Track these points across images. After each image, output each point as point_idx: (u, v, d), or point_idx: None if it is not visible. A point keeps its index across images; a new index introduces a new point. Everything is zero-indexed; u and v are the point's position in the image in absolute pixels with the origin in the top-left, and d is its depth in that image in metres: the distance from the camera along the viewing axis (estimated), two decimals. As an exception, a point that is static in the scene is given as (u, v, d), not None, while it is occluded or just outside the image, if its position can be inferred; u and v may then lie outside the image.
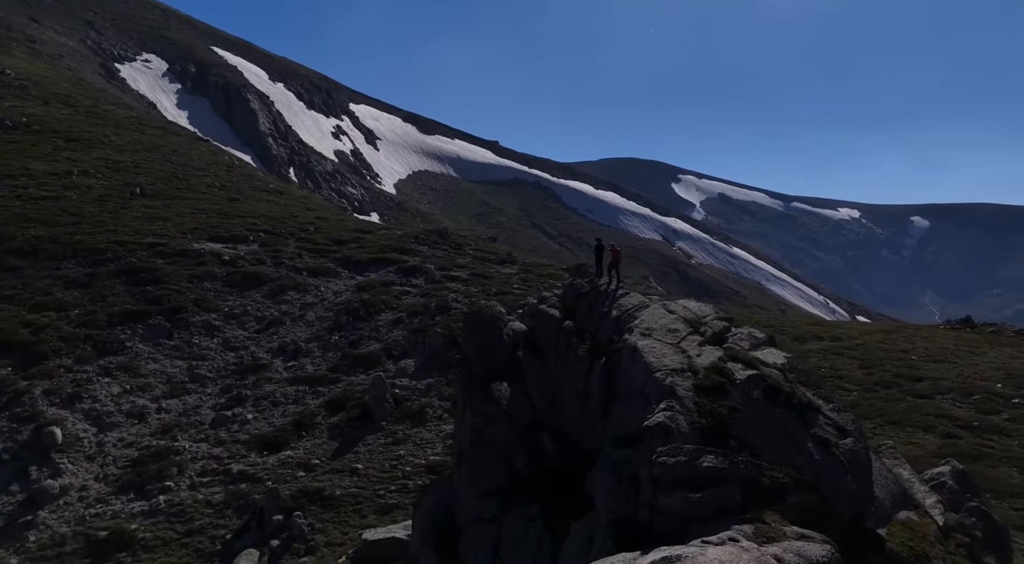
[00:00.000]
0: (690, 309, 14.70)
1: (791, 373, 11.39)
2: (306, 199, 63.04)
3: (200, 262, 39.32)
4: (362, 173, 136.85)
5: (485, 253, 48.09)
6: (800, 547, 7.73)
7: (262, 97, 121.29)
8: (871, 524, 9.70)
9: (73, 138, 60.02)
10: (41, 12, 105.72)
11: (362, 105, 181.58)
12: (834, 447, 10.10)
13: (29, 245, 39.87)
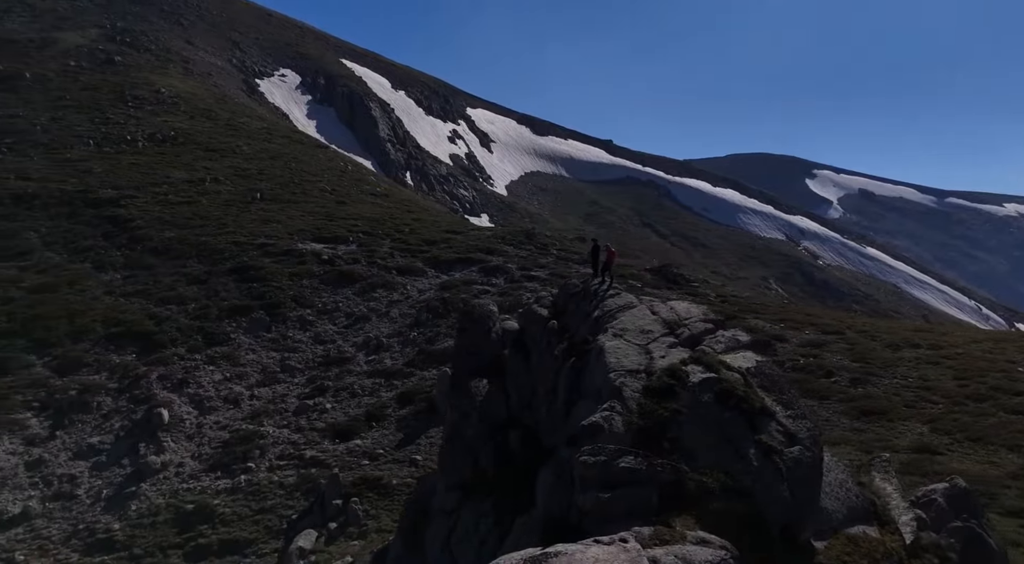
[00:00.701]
0: (676, 310, 14.06)
1: (755, 378, 10.78)
2: (408, 201, 65.19)
3: (301, 261, 41.66)
4: (475, 175, 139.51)
5: (568, 252, 47.83)
6: (687, 551, 7.34)
7: (383, 105, 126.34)
8: (806, 536, 9.08)
9: (211, 148, 65.20)
10: (196, 35, 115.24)
11: (479, 109, 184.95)
12: (776, 455, 9.52)
13: (163, 245, 43.83)
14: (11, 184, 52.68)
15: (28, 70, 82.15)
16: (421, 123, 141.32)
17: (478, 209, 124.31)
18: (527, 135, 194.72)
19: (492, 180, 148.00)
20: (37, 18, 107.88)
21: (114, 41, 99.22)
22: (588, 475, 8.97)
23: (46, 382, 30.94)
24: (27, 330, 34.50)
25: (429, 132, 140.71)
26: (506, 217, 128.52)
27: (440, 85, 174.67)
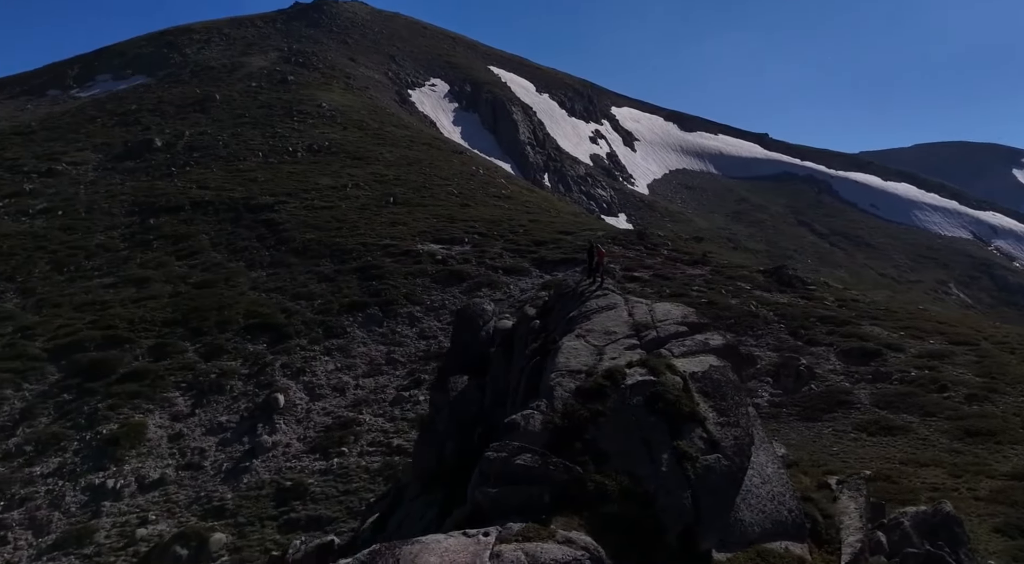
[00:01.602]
0: (655, 313, 13.30)
1: (699, 383, 10.18)
2: (530, 203, 65.86)
3: (417, 261, 43.62)
4: (615, 175, 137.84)
5: (680, 253, 46.11)
6: (538, 547, 7.16)
7: (525, 109, 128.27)
8: (706, 545, 8.43)
9: (357, 156, 69.93)
10: (358, 52, 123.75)
11: (624, 108, 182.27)
12: (688, 461, 9.03)
13: (303, 246, 47.77)
14: (192, 192, 59.84)
15: (218, 92, 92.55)
16: (563, 125, 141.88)
17: (616, 209, 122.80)
18: (674, 132, 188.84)
19: (633, 179, 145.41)
20: (231, 46, 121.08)
21: (289, 62, 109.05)
22: (489, 470, 8.93)
23: (194, 366, 34.94)
24: (187, 320, 39.10)
25: (570, 133, 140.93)
26: (644, 216, 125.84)
27: (585, 86, 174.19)
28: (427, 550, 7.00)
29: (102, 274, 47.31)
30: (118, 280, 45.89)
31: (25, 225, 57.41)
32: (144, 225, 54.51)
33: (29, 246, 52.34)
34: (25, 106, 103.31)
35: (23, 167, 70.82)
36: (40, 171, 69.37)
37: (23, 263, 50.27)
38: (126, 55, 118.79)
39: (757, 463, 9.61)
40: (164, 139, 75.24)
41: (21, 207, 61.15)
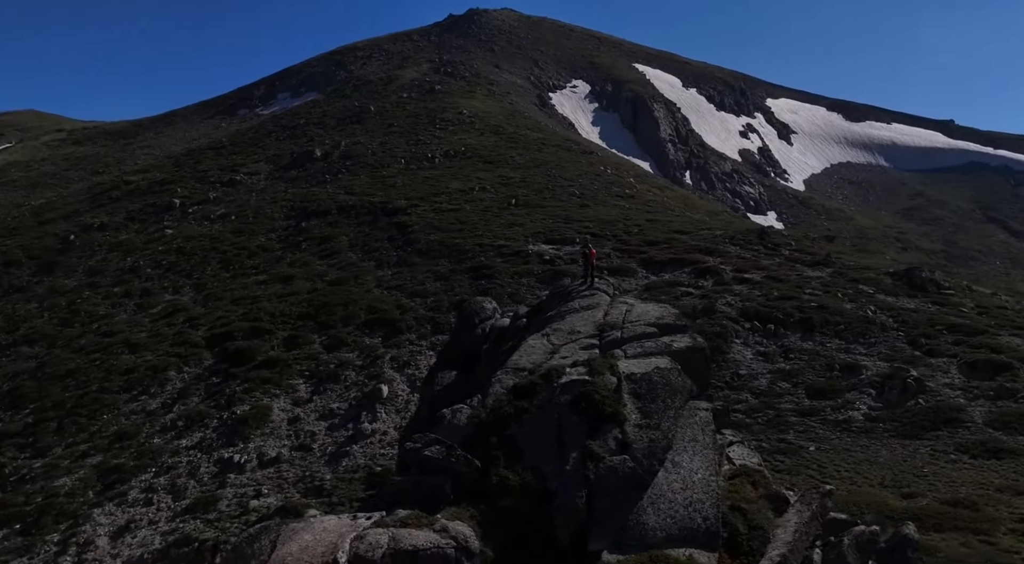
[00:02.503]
0: (629, 314, 12.92)
1: (635, 384, 9.85)
2: (653, 202, 64.11)
3: (525, 261, 44.36)
4: (765, 171, 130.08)
5: (803, 254, 42.83)
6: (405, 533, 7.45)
7: (668, 105, 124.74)
8: (596, 546, 8.23)
9: (489, 160, 72.14)
10: (503, 59, 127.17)
11: (781, 99, 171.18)
12: (593, 461, 8.92)
13: (426, 247, 50.34)
14: (340, 198, 65.04)
15: (373, 104, 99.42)
16: (709, 120, 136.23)
17: (764, 207, 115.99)
18: (838, 122, 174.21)
19: (787, 175, 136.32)
20: (389, 60, 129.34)
21: (438, 72, 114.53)
22: (403, 460, 9.29)
23: (317, 356, 38.23)
24: (317, 314, 42.79)
25: (718, 128, 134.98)
26: (797, 214, 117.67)
27: (737, 78, 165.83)
28: (308, 528, 7.55)
29: (258, 272, 52.97)
30: (269, 277, 51.15)
31: (206, 228, 65.59)
32: (297, 228, 60.18)
33: (206, 247, 59.82)
34: (220, 124, 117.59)
35: (210, 177, 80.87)
36: (223, 181, 78.82)
37: (200, 262, 57.59)
38: (302, 74, 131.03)
39: (686, 468, 9.18)
40: (323, 149, 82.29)
41: (205, 213, 69.94)
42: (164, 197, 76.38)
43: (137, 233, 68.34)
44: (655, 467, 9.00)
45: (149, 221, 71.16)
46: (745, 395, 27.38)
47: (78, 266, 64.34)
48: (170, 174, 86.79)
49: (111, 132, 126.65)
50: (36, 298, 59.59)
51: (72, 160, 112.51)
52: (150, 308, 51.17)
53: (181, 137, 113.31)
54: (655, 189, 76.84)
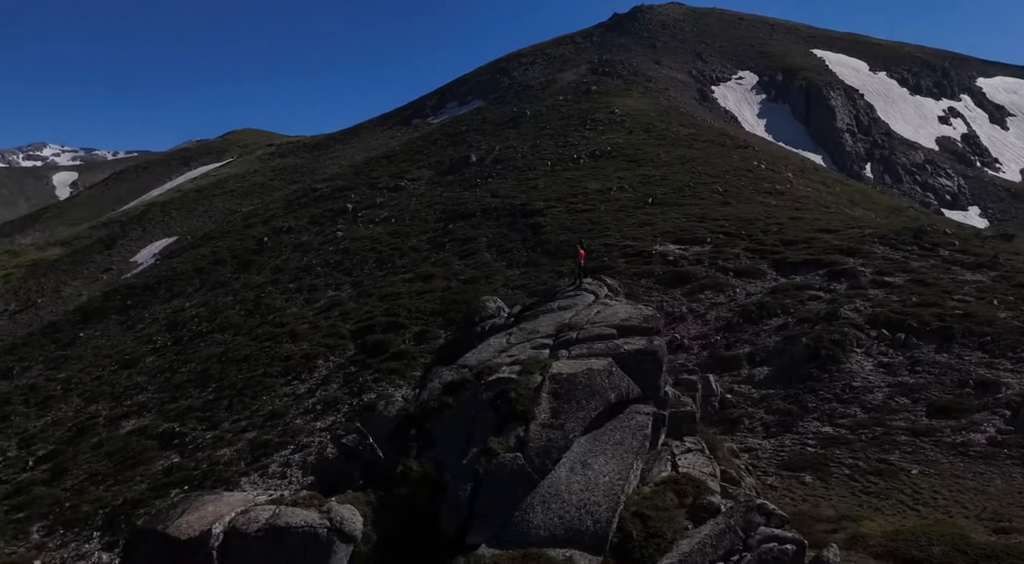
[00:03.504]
0: (601, 313, 12.50)
1: (558, 385, 9.77)
2: (805, 198, 59.06)
3: (647, 262, 43.40)
4: (969, 160, 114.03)
5: (966, 255, 37.41)
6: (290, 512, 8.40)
7: (848, 92, 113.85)
8: (475, 539, 8.47)
9: (633, 159, 71.20)
10: (664, 55, 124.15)
11: (996, 78, 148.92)
12: (487, 457, 9.20)
13: (555, 247, 51.02)
14: (485, 200, 67.89)
15: (530, 108, 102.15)
16: (901, 106, 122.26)
17: (964, 201, 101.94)
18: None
19: (999, 164, 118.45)
20: (550, 64, 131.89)
21: (596, 73, 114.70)
22: (335, 448, 10.04)
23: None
24: (446, 311, 45.35)
25: (911, 115, 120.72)
26: (1008, 209, 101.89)
27: (940, 56, 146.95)
28: (214, 501, 8.69)
29: (405, 271, 57.08)
30: (414, 276, 54.91)
31: (370, 230, 71.77)
32: (445, 230, 63.86)
33: (367, 247, 65.54)
34: (396, 134, 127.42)
35: (379, 184, 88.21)
36: (389, 187, 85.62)
37: (360, 261, 63.25)
38: (469, 83, 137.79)
39: (596, 471, 9.03)
40: (479, 154, 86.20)
41: (371, 216, 76.52)
42: (340, 202, 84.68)
43: (315, 235, 76.53)
44: (547, 466, 9.00)
45: (326, 224, 79.31)
46: (854, 409, 24.88)
47: (267, 264, 73.54)
48: (348, 181, 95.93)
49: (309, 145, 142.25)
50: (232, 292, 69.11)
51: (277, 171, 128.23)
52: (315, 302, 57.23)
53: (363, 147, 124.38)
54: (819, 184, 71.00)
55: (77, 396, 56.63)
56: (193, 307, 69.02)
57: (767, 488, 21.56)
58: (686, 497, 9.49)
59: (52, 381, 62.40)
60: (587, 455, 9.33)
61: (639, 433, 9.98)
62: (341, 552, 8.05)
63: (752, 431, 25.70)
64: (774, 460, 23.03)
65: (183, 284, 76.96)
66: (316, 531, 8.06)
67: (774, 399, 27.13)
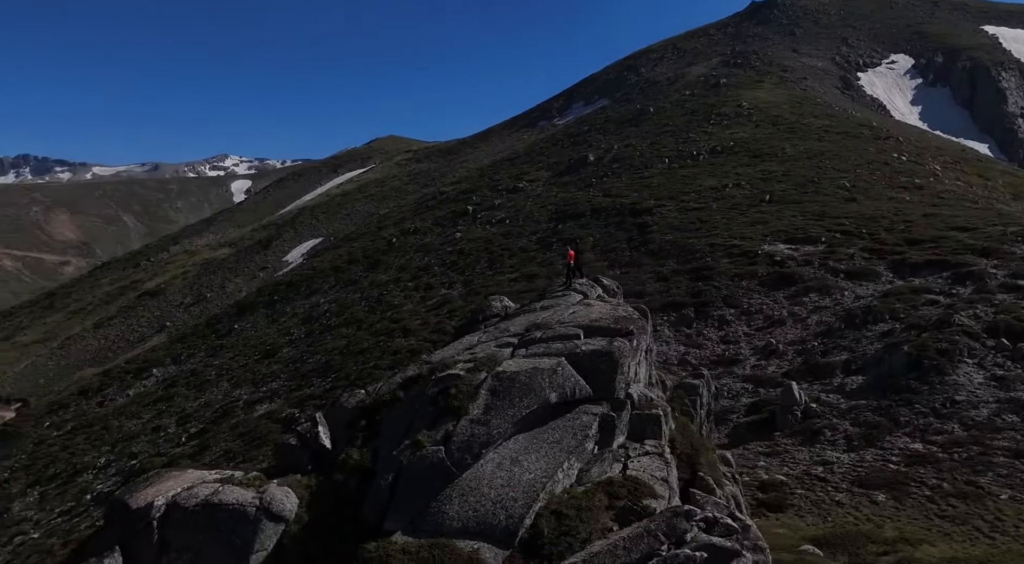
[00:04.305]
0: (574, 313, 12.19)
1: (499, 382, 10.02)
2: (948, 193, 52.71)
3: (752, 262, 41.16)
4: None
5: None
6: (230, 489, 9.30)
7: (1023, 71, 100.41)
8: (390, 526, 8.91)
9: (755, 154, 67.58)
10: (804, 42, 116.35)
11: None
12: (412, 449, 9.59)
13: (658, 247, 49.87)
14: (596, 200, 67.51)
15: (653, 105, 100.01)
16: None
17: None
18: None
19: None
20: (680, 58, 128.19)
21: (728, 65, 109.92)
22: (290, 434, 10.77)
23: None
24: (544, 310, 45.84)
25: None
26: None
27: None
28: (174, 477, 9.75)
29: (511, 270, 58.25)
30: (518, 275, 55.91)
31: (485, 232, 73.88)
32: (554, 230, 64.33)
33: (480, 248, 67.57)
34: (522, 137, 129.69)
35: (499, 186, 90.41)
36: (508, 188, 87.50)
37: (473, 261, 65.38)
38: (596, 82, 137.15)
39: (523, 468, 9.08)
40: (597, 154, 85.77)
41: (488, 218, 78.70)
42: (462, 205, 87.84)
43: (437, 236, 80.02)
44: (467, 460, 9.13)
45: (448, 225, 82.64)
46: (951, 425, 22.26)
47: (393, 263, 78.01)
48: (472, 184, 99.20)
49: (442, 150, 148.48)
50: (360, 289, 74.05)
51: (412, 175, 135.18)
52: (428, 300, 59.97)
53: (491, 150, 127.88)
54: (973, 176, 63.49)
55: (226, 381, 63.35)
56: (326, 303, 74.80)
57: (833, 504, 20.01)
58: (618, 499, 9.27)
59: (209, 367, 70.32)
60: (521, 452, 9.41)
61: (580, 433, 9.86)
62: (269, 530, 8.79)
63: (833, 444, 23.84)
64: (849, 476, 21.31)
65: (320, 281, 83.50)
66: (245, 509, 8.86)
67: (863, 411, 24.93)
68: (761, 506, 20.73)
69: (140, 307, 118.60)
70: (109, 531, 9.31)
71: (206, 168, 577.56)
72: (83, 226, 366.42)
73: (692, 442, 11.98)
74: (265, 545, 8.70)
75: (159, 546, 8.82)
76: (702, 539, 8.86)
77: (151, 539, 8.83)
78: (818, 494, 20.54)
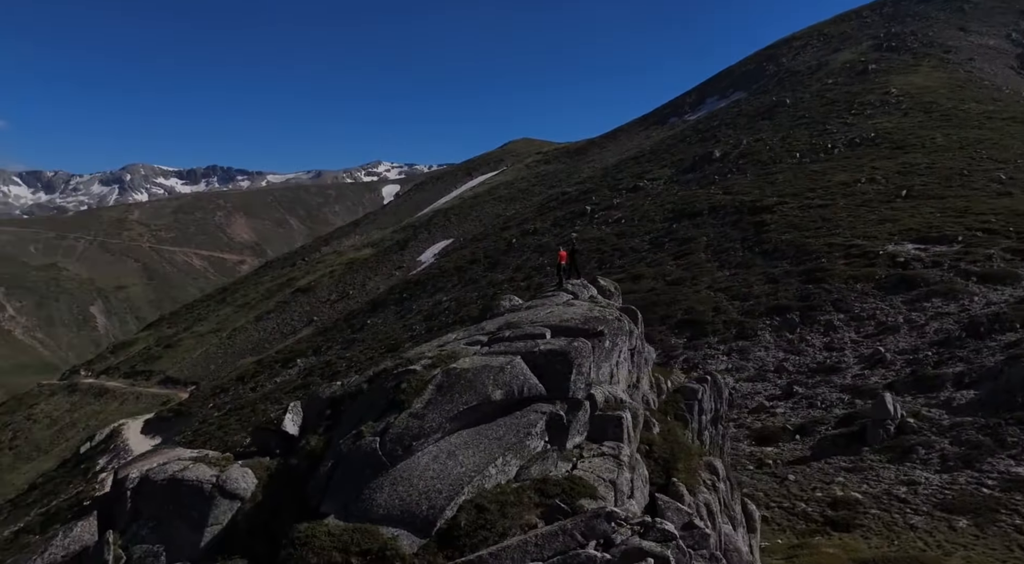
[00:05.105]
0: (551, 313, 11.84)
1: (447, 377, 10.29)
2: None
3: (869, 263, 37.66)
4: None
5: None
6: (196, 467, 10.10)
7: None
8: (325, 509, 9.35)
9: (898, 146, 61.54)
10: (973, 19, 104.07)
11: None
12: (354, 438, 10.01)
13: (773, 247, 47.00)
14: (716, 198, 64.70)
15: (791, 96, 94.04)
16: None
17: None
18: None
19: None
20: (826, 45, 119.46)
21: (880, 49, 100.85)
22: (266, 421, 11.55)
23: (627, 350, 40.44)
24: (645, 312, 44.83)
25: None
26: None
27: None
28: (165, 453, 10.92)
29: (620, 271, 57.37)
30: (625, 276, 54.93)
31: (600, 232, 73.33)
32: (668, 229, 62.56)
33: (591, 248, 67.18)
34: (651, 134, 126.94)
35: (620, 185, 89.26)
36: (628, 187, 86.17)
37: (583, 262, 65.08)
38: (732, 75, 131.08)
39: (457, 462, 9.19)
40: (723, 150, 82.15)
41: (605, 218, 78.00)
42: (581, 205, 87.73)
43: (554, 236, 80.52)
44: (397, 451, 9.34)
45: (565, 226, 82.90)
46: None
47: (511, 264, 79.67)
48: (595, 184, 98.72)
49: (571, 151, 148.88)
50: (479, 289, 76.31)
51: (540, 177, 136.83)
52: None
53: (618, 149, 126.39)
54: None
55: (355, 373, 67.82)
56: (447, 301, 77.88)
57: (906, 528, 18.13)
58: (550, 497, 9.13)
59: (341, 359, 75.76)
60: (461, 446, 9.56)
61: (522, 430, 9.80)
62: (223, 506, 9.65)
63: (925, 463, 21.44)
64: (934, 498, 19.16)
65: (444, 280, 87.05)
66: (203, 486, 9.78)
67: (966, 429, 22.15)
68: (827, 524, 19.24)
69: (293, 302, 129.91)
70: (104, 497, 10.70)
71: (361, 174, 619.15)
72: (256, 229, 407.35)
73: (673, 447, 11.47)
74: (220, 520, 9.57)
75: (132, 514, 10.02)
76: (633, 543, 8.62)
77: (125, 507, 10.07)
78: (893, 516, 18.67)
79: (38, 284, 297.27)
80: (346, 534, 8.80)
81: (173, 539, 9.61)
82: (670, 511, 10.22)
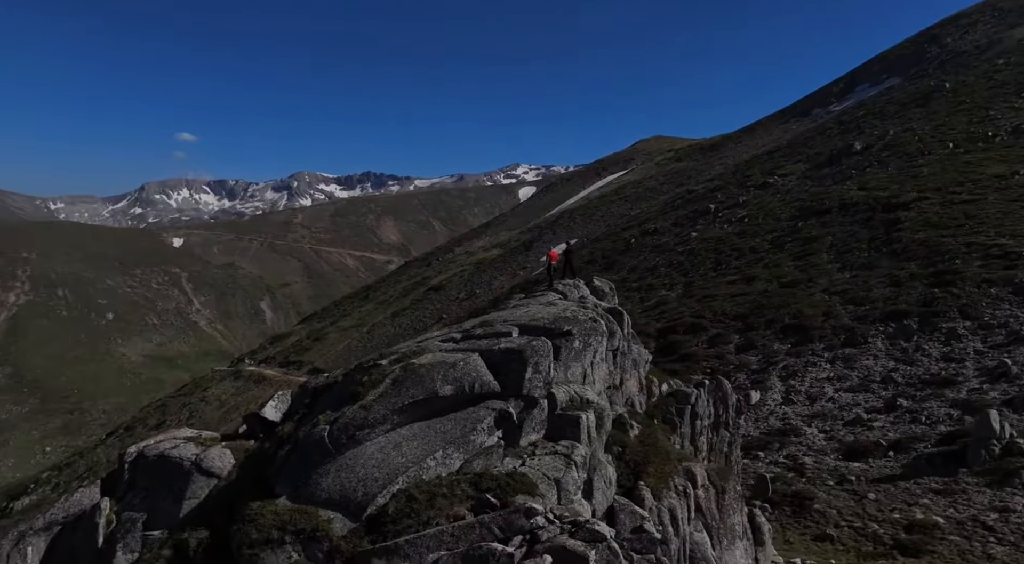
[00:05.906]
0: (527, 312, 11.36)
1: (406, 373, 10.62)
2: None
3: (1010, 265, 33.12)
4: None
5: None
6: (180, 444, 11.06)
7: None
8: (278, 491, 9.99)
9: (1074, 130, 53.46)
10: None
11: None
12: (311, 426, 10.46)
13: (903, 247, 42.68)
14: (849, 194, 59.65)
15: (950, 80, 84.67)
16: None
17: None
18: None
19: None
20: (1001, 20, 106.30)
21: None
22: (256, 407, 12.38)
23: (724, 355, 38.47)
24: (748, 315, 42.40)
25: None
26: None
27: None
28: (170, 434, 12.16)
29: (735, 271, 54.65)
30: (740, 277, 52.31)
31: (722, 231, 70.13)
32: (792, 228, 58.64)
33: (710, 248, 64.52)
34: (791, 128, 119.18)
35: (748, 182, 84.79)
36: (757, 184, 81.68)
37: (699, 262, 62.74)
38: (886, 60, 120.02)
39: (400, 453, 9.40)
40: (866, 142, 75.62)
41: (729, 216, 74.48)
42: (705, 203, 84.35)
43: (673, 236, 78.23)
44: (342, 440, 9.63)
45: (687, 225, 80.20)
46: None
47: (626, 264, 78.32)
48: (724, 181, 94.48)
49: (704, 147, 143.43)
50: (593, 289, 75.69)
51: (669, 175, 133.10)
52: (646, 301, 59.23)
53: (754, 144, 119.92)
54: None
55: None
56: (563, 301, 78.06)
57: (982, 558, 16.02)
58: (483, 492, 9.10)
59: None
60: (408, 438, 9.75)
61: (468, 425, 9.78)
62: (200, 482, 10.61)
63: (1030, 495, 18.68)
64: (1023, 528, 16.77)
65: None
66: (183, 463, 10.78)
67: (1092, 460, 18.99)
68: (895, 548, 17.46)
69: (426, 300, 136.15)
70: (112, 471, 12.18)
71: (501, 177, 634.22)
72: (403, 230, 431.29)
73: (648, 451, 10.96)
74: (197, 494, 10.59)
75: (128, 485, 11.31)
76: (558, 541, 8.54)
77: (123, 478, 11.40)
78: (972, 544, 16.55)
79: (218, 281, 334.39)
80: (287, 513, 9.42)
81: (158, 509, 10.75)
82: (623, 513, 9.89)
